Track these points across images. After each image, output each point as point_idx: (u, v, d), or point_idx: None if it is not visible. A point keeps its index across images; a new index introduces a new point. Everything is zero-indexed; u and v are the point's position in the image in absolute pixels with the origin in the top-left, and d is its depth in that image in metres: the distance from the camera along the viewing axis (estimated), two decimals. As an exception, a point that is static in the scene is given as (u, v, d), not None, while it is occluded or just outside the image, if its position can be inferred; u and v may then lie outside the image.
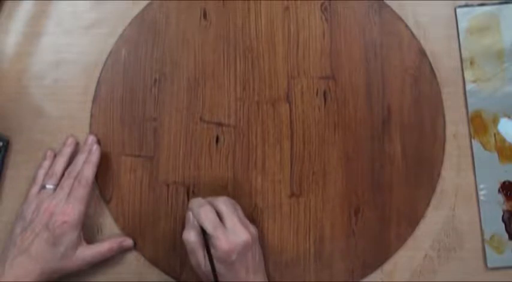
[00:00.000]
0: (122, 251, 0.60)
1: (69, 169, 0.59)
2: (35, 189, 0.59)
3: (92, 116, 0.62)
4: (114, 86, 0.63)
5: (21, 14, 0.64)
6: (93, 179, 0.58)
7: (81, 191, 0.57)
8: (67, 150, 0.60)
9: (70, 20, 0.64)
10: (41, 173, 0.60)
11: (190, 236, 0.54)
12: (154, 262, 0.60)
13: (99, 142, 0.61)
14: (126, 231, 0.61)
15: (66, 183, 0.57)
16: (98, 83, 0.63)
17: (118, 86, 0.63)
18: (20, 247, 0.54)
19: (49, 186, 0.58)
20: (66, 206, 0.55)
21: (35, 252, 0.54)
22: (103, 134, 0.62)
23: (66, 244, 0.55)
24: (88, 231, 0.60)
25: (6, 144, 0.62)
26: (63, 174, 0.59)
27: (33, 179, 0.60)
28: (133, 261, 0.61)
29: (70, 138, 0.61)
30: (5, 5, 0.64)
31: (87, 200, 0.57)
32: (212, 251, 0.53)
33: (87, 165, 0.58)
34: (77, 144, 0.62)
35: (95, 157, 0.59)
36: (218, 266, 0.52)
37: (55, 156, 0.61)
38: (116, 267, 0.60)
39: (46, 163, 0.60)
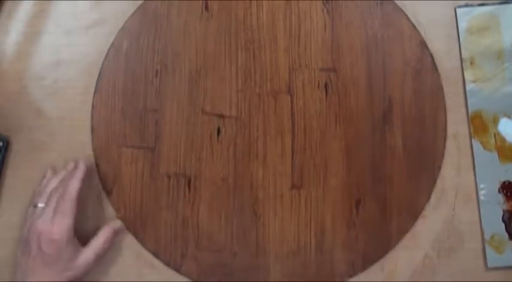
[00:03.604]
0: (118, 236, 0.59)
1: (57, 187, 0.58)
2: (30, 209, 0.58)
3: (93, 107, 0.62)
4: (115, 77, 0.63)
5: (21, 14, 0.64)
6: (78, 193, 0.56)
7: (65, 205, 0.55)
8: (64, 173, 0.60)
9: (70, 20, 0.64)
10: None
11: None
12: (155, 253, 0.60)
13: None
14: (127, 222, 0.61)
15: (52, 199, 0.56)
16: (100, 74, 0.63)
17: (119, 77, 0.63)
18: (22, 270, 0.55)
19: (40, 205, 0.57)
20: (51, 225, 0.55)
21: (37, 273, 0.54)
22: (104, 125, 0.62)
23: (63, 259, 0.54)
24: (89, 223, 0.60)
25: (6, 144, 0.61)
26: None
27: (32, 199, 0.59)
28: (134, 260, 0.60)
29: (71, 163, 0.61)
30: (5, 5, 0.64)
31: (72, 212, 0.55)
32: None
33: (72, 180, 0.57)
34: None
35: (80, 172, 0.58)
36: None
37: None
38: (116, 267, 0.60)
39: (44, 182, 0.60)
